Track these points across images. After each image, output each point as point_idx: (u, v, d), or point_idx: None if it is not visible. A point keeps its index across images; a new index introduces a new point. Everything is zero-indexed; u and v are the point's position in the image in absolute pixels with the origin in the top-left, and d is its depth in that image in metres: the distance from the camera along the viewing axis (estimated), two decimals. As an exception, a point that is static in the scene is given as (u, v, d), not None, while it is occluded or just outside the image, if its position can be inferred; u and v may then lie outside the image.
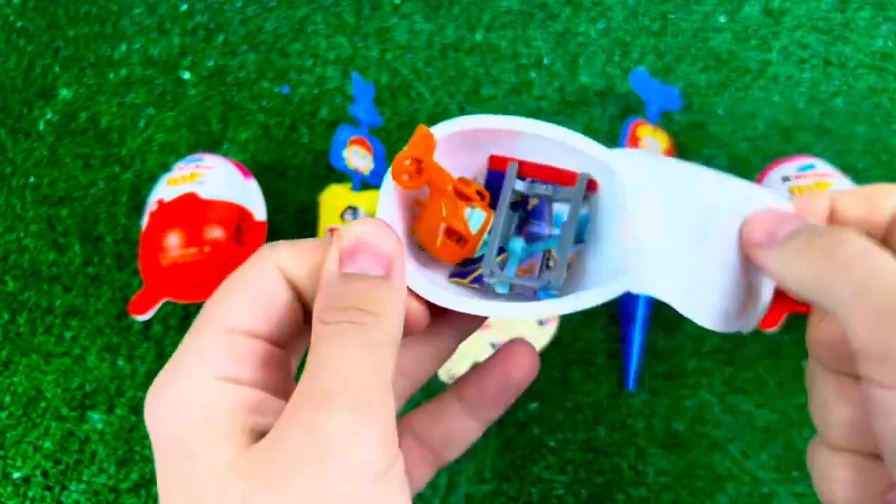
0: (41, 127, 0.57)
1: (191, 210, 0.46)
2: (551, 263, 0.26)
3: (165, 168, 0.54)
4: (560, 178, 0.26)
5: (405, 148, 0.25)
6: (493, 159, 0.27)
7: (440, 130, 0.26)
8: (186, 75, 0.58)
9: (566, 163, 0.26)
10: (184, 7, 0.61)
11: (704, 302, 0.23)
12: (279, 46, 0.59)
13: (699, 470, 0.44)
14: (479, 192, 0.26)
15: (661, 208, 0.24)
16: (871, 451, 0.21)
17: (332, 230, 0.48)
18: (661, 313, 0.48)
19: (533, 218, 0.27)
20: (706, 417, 0.45)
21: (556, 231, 0.26)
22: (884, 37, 0.56)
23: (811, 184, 0.45)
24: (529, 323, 0.46)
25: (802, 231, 0.21)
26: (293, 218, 0.52)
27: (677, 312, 0.24)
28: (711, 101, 0.55)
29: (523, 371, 0.26)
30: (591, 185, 0.26)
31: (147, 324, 0.49)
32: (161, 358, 0.48)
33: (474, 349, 0.44)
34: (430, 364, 0.27)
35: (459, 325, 0.26)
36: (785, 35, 0.57)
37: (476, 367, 0.27)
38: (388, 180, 0.25)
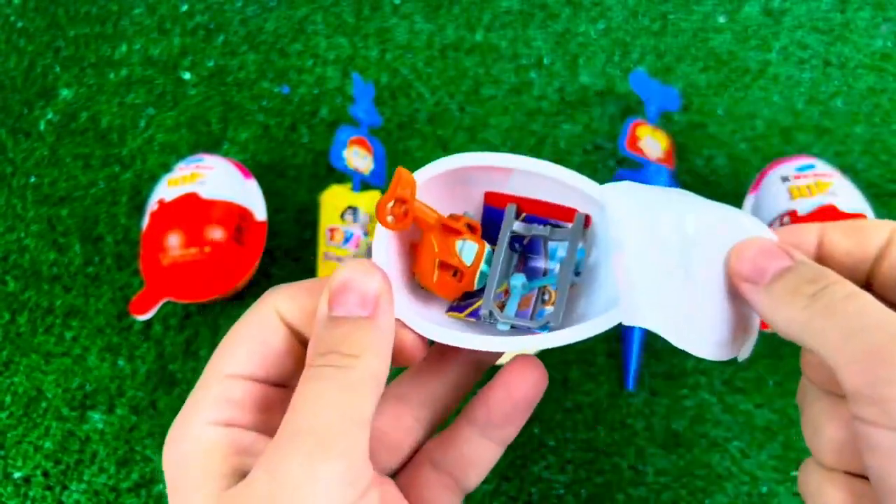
0: (42, 127, 0.57)
1: (191, 210, 0.46)
2: (546, 297, 0.27)
3: (166, 168, 0.54)
4: (556, 213, 0.27)
5: (387, 191, 0.25)
6: (489, 196, 0.27)
7: (423, 173, 0.26)
8: (187, 75, 0.58)
9: (558, 197, 0.27)
10: (184, 7, 0.61)
11: (697, 333, 0.24)
12: (279, 46, 0.59)
13: (699, 469, 0.44)
14: (468, 225, 0.27)
15: (650, 241, 0.25)
16: (864, 471, 0.21)
17: (332, 230, 0.48)
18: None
19: (530, 252, 0.28)
20: (705, 417, 0.45)
21: (553, 264, 0.27)
22: (883, 37, 0.56)
23: (811, 183, 0.45)
24: None
25: (788, 273, 0.22)
26: (293, 218, 0.52)
27: None
28: (711, 102, 0.55)
29: (527, 388, 0.26)
30: (586, 221, 0.26)
31: (147, 324, 0.49)
32: (161, 358, 0.48)
33: None
34: (449, 393, 0.27)
35: (471, 359, 0.27)
36: (785, 35, 0.57)
37: (482, 388, 0.27)
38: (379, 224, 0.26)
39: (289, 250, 0.51)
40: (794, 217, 0.44)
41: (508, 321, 0.26)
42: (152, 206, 0.48)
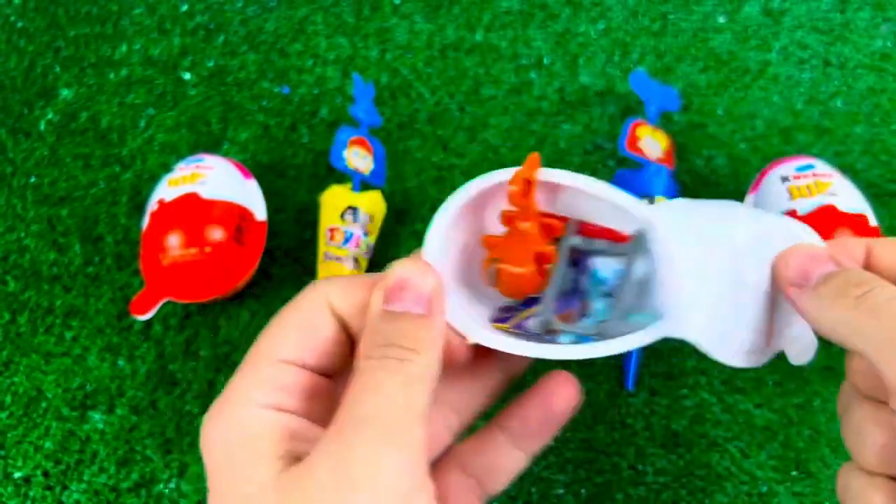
0: (42, 127, 0.57)
1: (191, 210, 0.46)
2: (586, 311, 0.28)
3: (166, 168, 0.54)
4: (603, 234, 0.29)
5: (519, 170, 0.27)
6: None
7: (543, 174, 0.28)
8: (187, 75, 0.58)
9: (607, 216, 0.28)
10: (184, 7, 0.61)
11: (733, 344, 0.26)
12: (279, 47, 0.59)
13: (698, 469, 0.44)
14: (556, 238, 0.29)
15: (698, 257, 0.26)
16: None
17: (332, 230, 0.48)
18: (661, 313, 0.48)
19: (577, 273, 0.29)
20: (705, 417, 0.45)
21: (589, 284, 0.29)
22: (883, 37, 0.56)
23: (810, 183, 0.45)
24: None
25: (835, 276, 0.22)
26: (293, 218, 0.52)
27: None
28: (711, 102, 0.55)
29: (566, 402, 0.27)
30: (626, 238, 0.28)
31: (147, 324, 0.49)
32: (161, 358, 0.48)
33: None
34: (478, 400, 0.27)
35: (505, 363, 0.27)
36: (785, 35, 0.57)
37: (519, 398, 0.27)
38: (439, 219, 0.27)
39: (289, 250, 0.52)
40: (793, 216, 0.44)
41: (584, 331, 0.27)
42: (152, 206, 0.48)
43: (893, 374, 0.20)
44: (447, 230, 0.28)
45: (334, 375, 0.24)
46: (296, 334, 0.23)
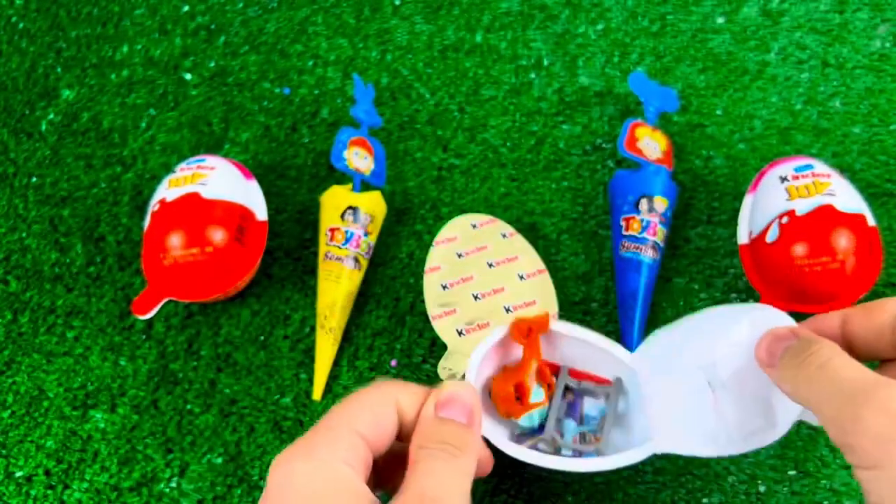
0: (43, 127, 0.57)
1: (193, 210, 0.46)
2: (587, 439, 0.41)
3: (167, 168, 0.54)
4: (595, 379, 0.42)
5: (530, 318, 0.42)
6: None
7: (558, 326, 0.42)
8: (188, 76, 0.58)
9: (593, 362, 0.41)
10: (185, 8, 0.61)
11: (723, 435, 0.33)
12: (280, 47, 0.59)
13: (697, 469, 0.44)
14: (549, 385, 0.41)
15: (664, 388, 0.35)
16: None
17: (332, 230, 0.48)
18: (660, 313, 0.48)
19: (571, 411, 0.42)
20: (704, 416, 0.45)
21: (579, 420, 0.42)
22: (881, 38, 0.57)
23: (809, 183, 0.45)
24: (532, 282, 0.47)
25: (790, 348, 0.27)
26: (294, 218, 0.53)
27: (676, 312, 0.26)
28: (710, 102, 0.55)
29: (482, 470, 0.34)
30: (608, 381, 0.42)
31: (149, 323, 0.49)
32: (163, 357, 0.49)
33: (489, 313, 0.45)
34: None
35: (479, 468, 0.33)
36: (783, 36, 0.57)
37: None
38: (477, 352, 0.40)
39: (289, 250, 0.52)
40: (792, 217, 0.44)
41: (569, 448, 0.40)
42: (154, 206, 0.48)
43: (833, 431, 0.24)
44: (483, 360, 0.40)
45: (379, 457, 0.30)
46: (371, 415, 0.28)
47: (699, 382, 0.33)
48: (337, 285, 0.47)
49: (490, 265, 0.46)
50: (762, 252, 0.45)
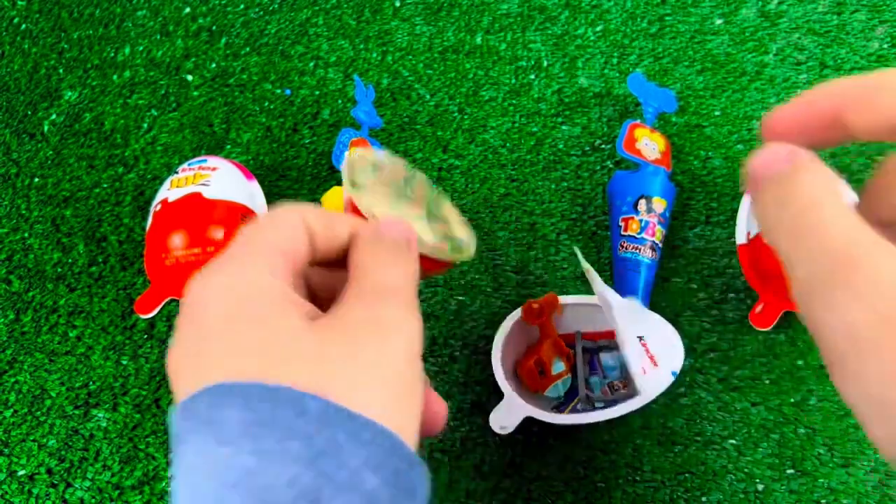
0: (46, 128, 0.57)
1: (194, 210, 0.47)
2: (615, 386, 0.45)
3: (169, 169, 0.55)
4: (604, 335, 0.47)
5: (540, 299, 0.46)
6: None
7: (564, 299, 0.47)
8: (190, 77, 0.59)
9: (603, 319, 0.45)
10: (187, 10, 0.61)
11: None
12: (281, 49, 0.59)
13: (695, 467, 0.44)
14: (567, 356, 0.46)
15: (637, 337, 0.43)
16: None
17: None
18: (658, 313, 0.48)
19: (593, 369, 0.47)
20: (702, 415, 0.46)
21: (601, 371, 0.47)
22: (879, 39, 0.57)
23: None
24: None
25: (768, 183, 0.22)
26: (295, 218, 0.53)
27: (675, 312, 0.25)
28: (708, 104, 0.55)
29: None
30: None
31: (151, 323, 0.50)
32: (164, 357, 0.49)
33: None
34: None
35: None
36: (781, 38, 0.57)
37: None
38: (498, 339, 0.45)
39: (290, 250, 0.52)
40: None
41: (602, 400, 0.45)
42: (156, 206, 0.48)
43: (802, 306, 0.20)
44: (506, 345, 0.45)
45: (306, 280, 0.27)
46: (283, 231, 0.25)
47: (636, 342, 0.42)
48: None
49: None
50: (760, 252, 0.45)
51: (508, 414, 0.43)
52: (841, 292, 0.18)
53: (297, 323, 0.22)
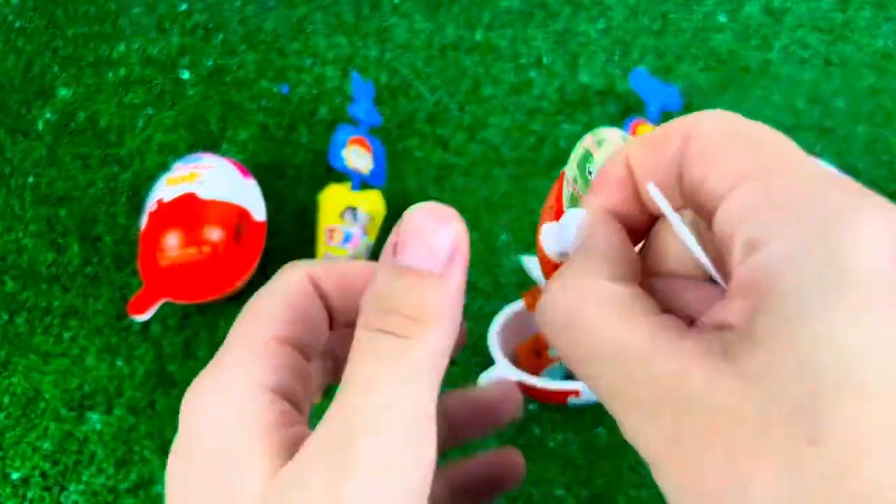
0: (40, 127, 0.57)
1: (190, 210, 0.46)
2: None
3: (164, 168, 0.54)
4: None
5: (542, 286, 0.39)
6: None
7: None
8: (185, 75, 0.58)
9: None
10: (183, 7, 0.61)
11: None
12: (278, 46, 0.59)
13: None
14: None
15: None
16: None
17: (331, 230, 0.48)
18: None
19: None
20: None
21: None
22: (884, 36, 0.56)
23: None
24: None
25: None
26: (293, 218, 0.52)
27: None
28: (712, 101, 0.55)
29: (513, 482, 0.25)
30: None
31: (146, 324, 0.49)
32: (160, 358, 0.48)
33: None
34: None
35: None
36: (786, 35, 0.57)
37: (470, 459, 0.26)
38: (498, 323, 0.45)
39: (288, 250, 0.51)
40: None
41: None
42: (151, 205, 0.48)
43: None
44: (505, 331, 0.44)
45: (310, 353, 0.22)
46: (284, 308, 0.20)
47: None
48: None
49: None
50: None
51: (498, 378, 0.43)
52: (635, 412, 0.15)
53: (256, 485, 0.18)
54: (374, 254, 0.50)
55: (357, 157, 0.50)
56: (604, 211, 0.19)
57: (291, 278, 0.21)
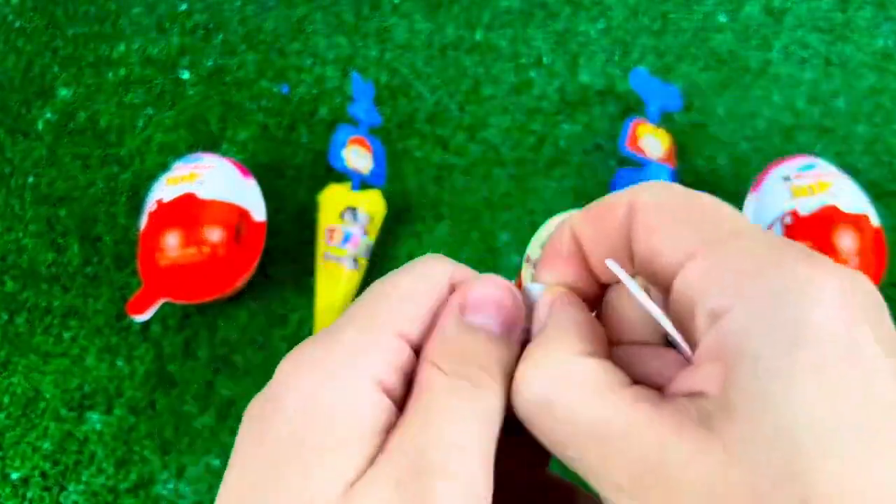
0: (40, 127, 0.57)
1: (189, 210, 0.46)
2: None
3: (164, 168, 0.54)
4: None
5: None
6: None
7: None
8: (185, 75, 0.58)
9: None
10: (183, 7, 0.61)
11: None
12: (278, 46, 0.59)
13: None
14: None
15: None
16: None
17: (331, 230, 0.48)
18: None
19: None
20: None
21: None
22: (884, 36, 0.56)
23: (812, 183, 0.45)
24: None
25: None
26: (293, 218, 0.52)
27: None
28: (712, 101, 0.55)
29: None
30: None
31: (146, 324, 0.49)
32: (160, 358, 0.48)
33: None
34: None
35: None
36: (786, 35, 0.57)
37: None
38: None
39: (288, 250, 0.51)
40: (795, 216, 0.44)
41: None
42: (151, 206, 0.48)
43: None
44: None
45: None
46: (414, 306, 0.19)
47: None
48: (335, 287, 0.47)
49: None
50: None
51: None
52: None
53: (333, 492, 0.17)
54: (375, 254, 0.50)
55: (357, 157, 0.50)
56: (565, 286, 0.20)
57: (436, 276, 0.20)
